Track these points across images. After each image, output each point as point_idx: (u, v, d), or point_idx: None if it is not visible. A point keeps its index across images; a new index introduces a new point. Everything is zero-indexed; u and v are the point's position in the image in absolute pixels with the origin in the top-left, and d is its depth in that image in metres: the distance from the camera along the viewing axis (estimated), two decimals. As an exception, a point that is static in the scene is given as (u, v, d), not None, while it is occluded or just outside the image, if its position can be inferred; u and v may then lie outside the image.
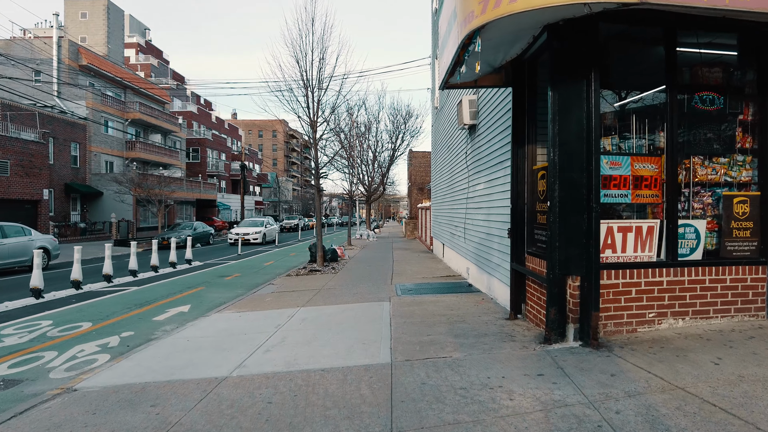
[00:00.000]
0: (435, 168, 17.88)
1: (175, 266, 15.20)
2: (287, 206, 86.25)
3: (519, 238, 6.14)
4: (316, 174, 14.55)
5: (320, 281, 11.44)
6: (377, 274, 12.34)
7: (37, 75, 34.84)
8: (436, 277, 11.37)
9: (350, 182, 26.79)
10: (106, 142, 36.51)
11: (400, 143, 37.80)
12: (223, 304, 9.14)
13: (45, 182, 25.84)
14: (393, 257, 17.34)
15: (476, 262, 9.30)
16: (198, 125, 58.56)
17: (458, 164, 11.73)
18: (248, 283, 12.39)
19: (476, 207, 9.28)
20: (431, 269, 13.21)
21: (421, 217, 26.45)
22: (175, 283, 12.32)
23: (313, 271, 13.56)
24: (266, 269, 15.55)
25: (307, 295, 9.33)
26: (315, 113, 14.45)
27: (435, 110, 17.57)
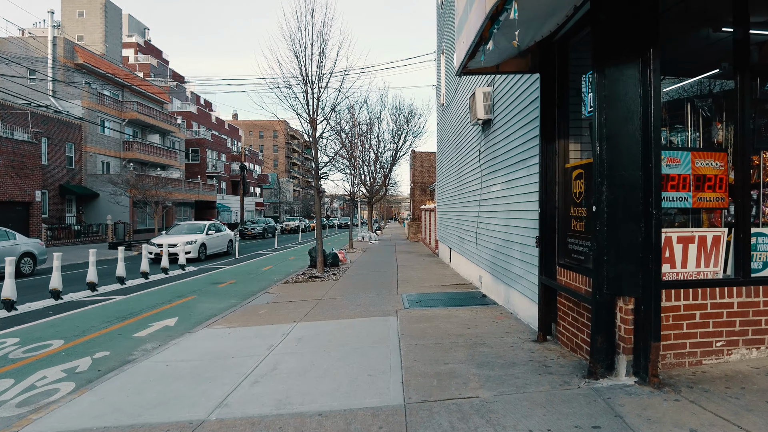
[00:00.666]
0: (441, 168, 17.06)
1: (167, 272, 14.38)
2: (288, 207, 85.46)
3: (548, 247, 5.30)
4: (315, 174, 13.73)
5: (320, 289, 10.61)
6: (381, 282, 11.50)
7: (32, 74, 34.13)
8: (445, 286, 10.53)
9: (352, 183, 25.99)
10: (103, 142, 35.75)
11: (403, 143, 37.03)
12: (214, 317, 8.31)
13: (37, 183, 25.06)
14: (397, 262, 16.50)
15: (491, 270, 8.46)
16: (198, 126, 57.82)
17: (469, 163, 10.89)
18: (243, 291, 11.57)
19: (491, 210, 8.44)
20: (439, 276, 12.37)
21: (425, 219, 25.62)
22: (165, 292, 11.50)
23: (312, 277, 12.74)
24: (263, 275, 14.73)
25: (306, 307, 8.50)
26: (315, 111, 13.64)
27: (441, 108, 16.75)
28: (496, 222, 8.04)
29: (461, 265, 12.38)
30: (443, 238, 16.38)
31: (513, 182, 7.01)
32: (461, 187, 12.20)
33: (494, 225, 8.18)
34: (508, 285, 7.36)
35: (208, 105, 72.30)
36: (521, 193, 6.68)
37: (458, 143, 12.51)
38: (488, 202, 8.63)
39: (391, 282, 11.48)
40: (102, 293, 11.08)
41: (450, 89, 14.09)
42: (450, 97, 14.12)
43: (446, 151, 15.35)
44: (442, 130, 16.70)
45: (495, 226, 8.07)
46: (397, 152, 36.26)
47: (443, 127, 16.28)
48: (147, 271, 13.25)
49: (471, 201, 10.57)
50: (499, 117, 7.79)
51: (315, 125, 13.69)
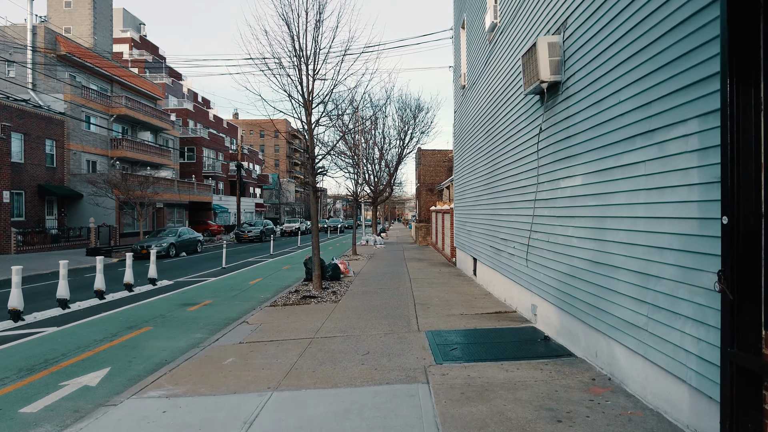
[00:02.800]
0: (460, 162, 14.45)
1: (132, 288, 11.82)
2: (289, 208, 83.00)
3: (747, 293, 2.70)
4: (311, 168, 11.15)
5: (314, 319, 8.02)
6: (394, 306, 8.90)
7: (10, 66, 31.70)
8: (482, 316, 7.92)
9: (355, 182, 23.40)
10: (88, 139, 33.26)
11: (409, 140, 34.35)
12: (160, 369, 5.76)
13: (5, 183, 22.58)
14: (409, 273, 13.90)
15: (560, 302, 5.85)
16: (194, 124, 55.39)
17: (511, 152, 8.29)
18: (216, 318, 8.99)
19: (561, 215, 5.83)
20: (466, 297, 9.76)
21: (436, 221, 23.03)
22: (116, 319, 8.93)
23: (307, 297, 10.16)
24: (248, 292, 12.16)
25: (290, 355, 5.91)
26: (310, 92, 11.09)
27: (461, 91, 14.15)
28: (574, 233, 5.42)
29: (495, 283, 9.77)
30: (463, 246, 13.78)
31: (615, 172, 4.41)
32: (495, 184, 9.60)
33: (569, 237, 5.57)
34: (602, 334, 4.76)
35: (206, 103, 69.93)
36: (629, 190, 4.10)
37: (491, 128, 9.91)
38: (554, 203, 6.02)
39: (407, 306, 8.88)
40: (30, 322, 8.51)
41: (477, 62, 11.49)
42: (477, 72, 11.52)
43: (469, 141, 12.76)
44: (462, 117, 14.10)
45: (571, 238, 5.45)
46: (403, 150, 33.55)
47: (464, 113, 13.69)
48: (102, 288, 10.68)
49: (515, 201, 7.96)
50: (581, 73, 5.19)
51: (310, 109, 11.13)
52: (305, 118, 11.19)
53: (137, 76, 42.75)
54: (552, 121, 5.98)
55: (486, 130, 10.50)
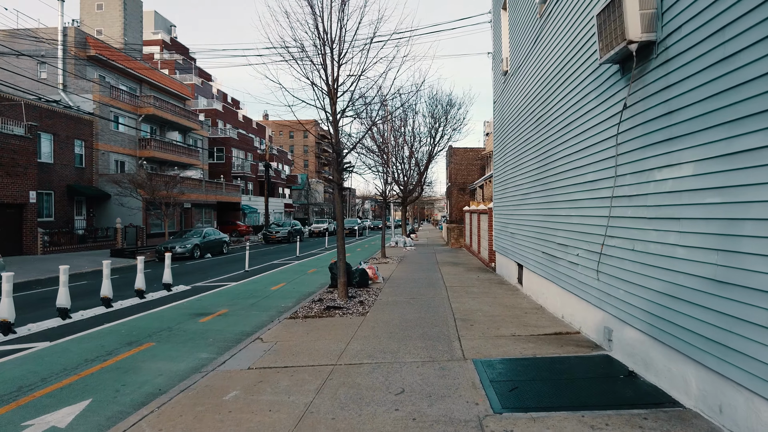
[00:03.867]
0: (502, 157, 13.08)
1: (143, 295, 10.91)
2: (318, 209, 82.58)
3: None
4: (336, 164, 10.01)
5: (338, 336, 6.85)
6: (430, 321, 7.66)
7: (42, 68, 31.86)
8: (538, 337, 6.58)
9: (384, 181, 22.20)
10: (116, 139, 33.13)
11: (440, 138, 32.89)
12: (149, 403, 4.71)
13: (32, 183, 22.31)
14: (444, 280, 12.62)
15: (655, 331, 4.49)
16: (224, 124, 55.29)
17: (572, 140, 6.94)
18: (228, 333, 7.93)
19: (658, 216, 4.48)
20: (514, 311, 8.42)
21: (471, 222, 21.63)
22: (118, 332, 7.98)
23: (331, 308, 9.01)
24: (269, 298, 11.11)
25: (306, 390, 4.75)
26: (335, 79, 9.96)
27: (502, 78, 12.79)
28: (680, 241, 4.07)
29: (548, 295, 8.40)
30: (505, 250, 12.40)
31: (761, 155, 3.07)
32: (548, 180, 8.24)
33: (670, 245, 4.22)
34: (733, 383, 3.41)
35: (235, 103, 70.04)
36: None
37: (542, 115, 8.55)
38: (643, 201, 4.67)
39: (446, 322, 7.62)
40: (20, 337, 7.60)
41: (523, 43, 10.12)
42: (523, 54, 10.16)
43: (512, 132, 11.39)
44: (503, 107, 12.73)
45: (675, 248, 4.09)
46: (434, 148, 32.14)
47: (506, 102, 12.32)
48: (109, 296, 9.78)
49: (579, 200, 6.61)
50: (693, 24, 3.85)
51: (335, 98, 9.99)
52: (329, 108, 10.06)
53: (166, 77, 42.72)
54: (642, 93, 4.62)
55: (535, 119, 9.13)
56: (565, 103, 7.23)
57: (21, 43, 30.57)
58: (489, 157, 37.85)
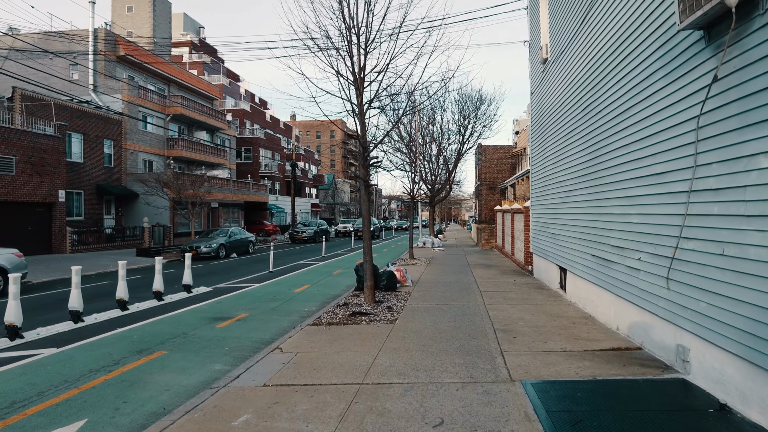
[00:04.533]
0: (541, 151, 12.17)
1: (162, 297, 10.44)
2: (344, 209, 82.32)
3: None
4: (361, 159, 9.31)
5: (364, 347, 6.15)
6: (467, 331, 6.87)
7: (74, 69, 32.26)
8: (594, 354, 5.73)
9: (412, 180, 21.40)
10: (145, 139, 33.31)
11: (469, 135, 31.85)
12: (150, 426, 4.11)
13: (61, 182, 22.38)
14: (478, 284, 11.79)
15: (761, 358, 3.62)
16: (251, 124, 55.44)
17: (632, 127, 6.06)
18: (245, 340, 7.32)
19: (764, 213, 3.61)
20: (560, 320, 7.56)
21: (503, 222, 20.67)
22: (130, 338, 7.46)
23: (357, 314, 8.32)
24: (292, 302, 10.50)
25: (327, 417, 4.05)
26: (361, 68, 9.28)
27: (540, 67, 11.88)
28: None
29: (599, 303, 7.51)
30: (545, 252, 11.49)
31: None
32: (600, 174, 7.35)
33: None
34: None
35: (263, 103, 70.30)
36: None
37: (592, 101, 7.66)
38: (740, 195, 3.80)
39: (485, 333, 6.82)
40: (27, 342, 7.14)
41: (566, 25, 9.21)
42: (566, 38, 9.25)
43: (553, 124, 10.49)
44: (542, 98, 11.82)
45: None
46: (463, 145, 31.14)
47: (546, 92, 11.41)
48: (125, 298, 9.31)
49: (641, 195, 5.73)
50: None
51: (361, 88, 9.31)
52: (355, 99, 9.38)
53: (194, 77, 42.94)
54: (741, 61, 3.74)
55: (582, 107, 8.24)
56: (622, 86, 6.35)
57: (54, 46, 31.02)
58: (520, 154, 36.62)
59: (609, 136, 6.92)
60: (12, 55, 30.48)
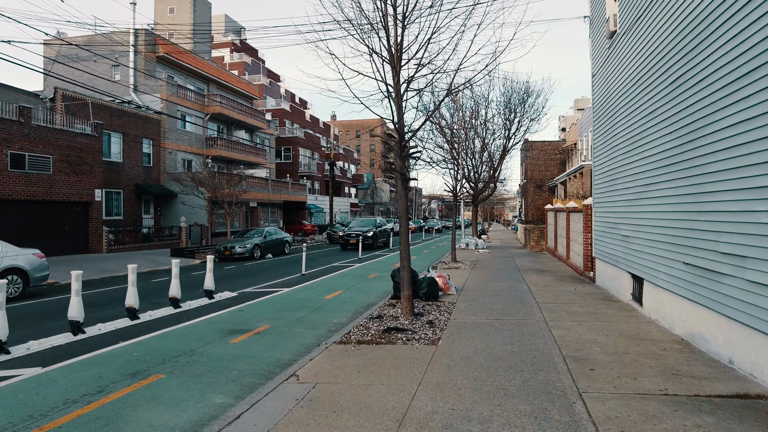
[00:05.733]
0: (607, 139, 10.53)
1: (179, 304, 9.48)
2: (384, 209, 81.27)
3: None
4: (398, 149, 8.01)
5: (400, 383, 4.85)
6: (528, 359, 5.47)
7: (116, 70, 32.53)
8: (709, 399, 4.20)
9: (454, 177, 19.90)
10: (184, 138, 33.22)
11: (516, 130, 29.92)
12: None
13: (97, 181, 22.20)
14: (532, 292, 10.28)
15: None
16: (291, 124, 55.18)
17: (756, 96, 4.51)
18: (259, 362, 6.18)
19: None
20: (642, 343, 6.01)
21: (556, 222, 18.91)
22: (128, 355, 6.46)
23: (392, 330, 7.05)
24: (320, 311, 9.33)
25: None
26: (398, 43, 8.01)
27: (606, 42, 10.25)
28: None
29: (698, 324, 5.91)
30: (613, 257, 9.86)
31: None
32: (696, 162, 5.77)
33: None
34: None
35: (302, 103, 70.17)
36: None
37: (686, 72, 6.07)
38: None
39: (552, 362, 5.40)
40: (12, 359, 6.22)
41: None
42: (642, 3, 7.65)
43: (627, 105, 8.87)
44: (608, 79, 10.18)
45: None
46: (509, 140, 29.28)
47: (613, 72, 9.78)
48: (135, 306, 8.38)
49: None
50: None
51: (398, 67, 8.03)
52: (392, 79, 8.11)
53: (233, 76, 42.86)
54: None
55: (670, 81, 6.65)
56: (739, 43, 4.79)
57: (97, 48, 31.34)
58: (571, 150, 34.40)
59: (713, 113, 5.36)
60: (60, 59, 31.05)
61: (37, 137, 19.41)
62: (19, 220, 18.91)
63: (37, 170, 19.37)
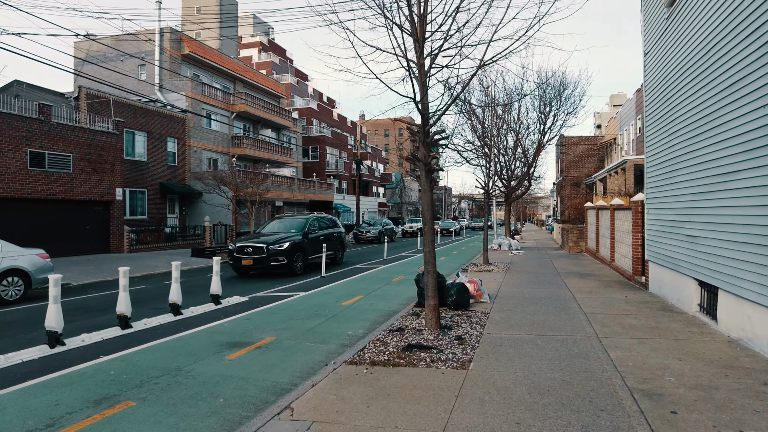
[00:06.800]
0: (665, 124, 9.11)
1: (179, 311, 8.58)
2: (412, 208, 79.99)
3: None
4: (422, 134, 6.87)
5: (420, 426, 3.73)
6: (586, 394, 4.24)
7: (142, 69, 32.44)
8: None
9: (486, 173, 18.56)
10: (209, 137, 32.84)
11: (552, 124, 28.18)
12: None
13: (118, 180, 21.81)
14: (577, 300, 8.97)
15: None
16: (318, 123, 54.60)
17: None
18: (251, 386, 5.15)
19: None
20: (732, 372, 4.70)
21: (597, 221, 17.38)
22: (105, 373, 5.54)
23: (414, 348, 5.93)
24: (335, 319, 8.28)
25: None
26: (422, 12, 6.90)
27: (665, 11, 8.85)
28: None
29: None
30: (673, 260, 8.46)
31: None
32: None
33: None
34: None
35: (330, 102, 69.64)
36: None
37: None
38: None
39: (617, 398, 4.17)
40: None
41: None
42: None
43: (695, 81, 7.49)
44: (670, 50, 8.77)
45: None
46: (543, 136, 27.63)
47: (676, 41, 8.38)
48: (127, 314, 7.50)
49: None
50: None
51: (422, 37, 6.91)
52: (415, 55, 6.98)
53: (260, 74, 42.45)
54: None
55: (760, 44, 5.30)
56: None
57: (124, 47, 31.29)
58: (610, 145, 32.45)
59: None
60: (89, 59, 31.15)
61: (57, 135, 19.08)
62: (39, 220, 18.61)
63: (57, 169, 19.05)
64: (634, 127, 26.66)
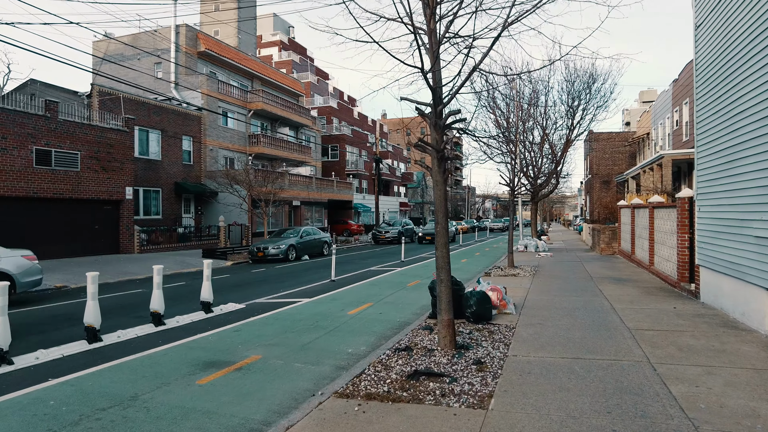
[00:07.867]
0: (722, 109, 7.74)
1: (162, 321, 7.60)
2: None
3: None
4: (433, 114, 5.73)
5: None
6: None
7: (158, 67, 32.06)
8: None
9: (512, 169, 17.22)
10: (226, 136, 32.21)
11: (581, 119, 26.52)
12: None
13: (128, 178, 21.21)
14: (617, 312, 7.69)
15: None
16: (338, 121, 53.79)
17: None
18: (214, 423, 4.10)
19: None
20: None
21: (632, 221, 15.90)
22: (44, 403, 4.58)
23: (421, 376, 4.81)
24: (334, 334, 7.21)
25: None
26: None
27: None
28: None
29: None
30: (735, 267, 7.11)
31: None
32: None
33: None
34: None
35: (351, 101, 68.79)
36: None
37: None
38: None
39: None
40: None
41: None
42: None
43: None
44: (734, 18, 7.42)
45: None
46: (572, 131, 26.04)
47: (738, 15, 7.04)
48: (95, 326, 6.54)
49: None
50: None
51: (433, 5, 5.76)
52: (425, 24, 5.84)
53: (278, 72, 41.81)
54: None
55: None
56: None
57: (141, 45, 30.96)
58: (642, 140, 30.62)
59: None
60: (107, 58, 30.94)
61: (64, 132, 18.54)
62: (46, 220, 18.09)
63: (64, 167, 18.50)
64: (670, 120, 24.89)
